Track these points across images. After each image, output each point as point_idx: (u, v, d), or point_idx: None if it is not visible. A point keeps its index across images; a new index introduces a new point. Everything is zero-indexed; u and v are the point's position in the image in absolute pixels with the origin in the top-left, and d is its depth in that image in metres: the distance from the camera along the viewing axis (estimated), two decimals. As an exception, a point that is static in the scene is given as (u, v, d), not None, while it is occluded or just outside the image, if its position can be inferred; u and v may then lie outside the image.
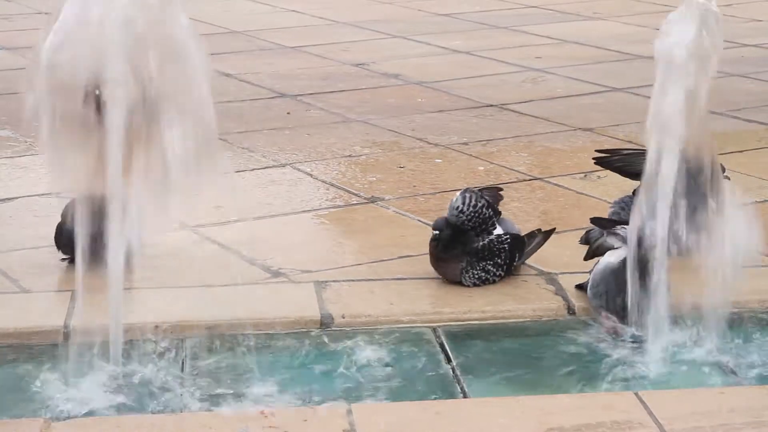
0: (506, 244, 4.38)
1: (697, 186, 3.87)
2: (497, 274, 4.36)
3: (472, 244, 4.34)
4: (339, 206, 5.33)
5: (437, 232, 4.35)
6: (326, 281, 4.38)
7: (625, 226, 4.10)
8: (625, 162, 4.63)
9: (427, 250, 4.44)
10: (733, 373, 3.76)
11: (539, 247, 4.52)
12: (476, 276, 4.34)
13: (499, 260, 4.36)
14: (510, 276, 4.42)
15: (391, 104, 7.05)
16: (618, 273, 3.97)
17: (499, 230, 4.45)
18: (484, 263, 4.34)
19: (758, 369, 3.77)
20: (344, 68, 7.94)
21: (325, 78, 7.67)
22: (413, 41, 8.80)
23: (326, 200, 5.41)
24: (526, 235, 4.53)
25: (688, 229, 3.84)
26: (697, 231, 3.84)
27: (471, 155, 6.00)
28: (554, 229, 4.59)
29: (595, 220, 4.31)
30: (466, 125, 6.61)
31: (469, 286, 4.34)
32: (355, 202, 5.38)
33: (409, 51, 8.49)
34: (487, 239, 4.38)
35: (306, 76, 7.74)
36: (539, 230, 4.57)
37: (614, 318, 4.00)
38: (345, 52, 8.43)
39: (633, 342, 3.92)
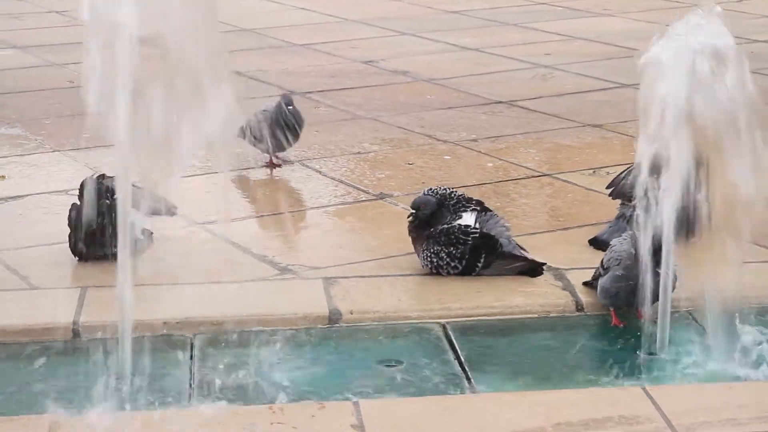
0: (471, 237, 4.35)
1: None
2: (452, 264, 4.32)
3: (435, 227, 4.38)
4: (347, 203, 5.34)
5: (414, 210, 4.42)
6: (334, 277, 4.39)
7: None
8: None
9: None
10: (743, 368, 3.76)
11: (520, 270, 4.37)
12: (428, 259, 4.35)
13: (454, 251, 4.32)
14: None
15: (400, 101, 7.06)
16: (632, 268, 3.97)
17: (469, 221, 4.41)
18: (438, 248, 4.33)
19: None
20: (353, 65, 7.95)
21: (334, 75, 7.68)
22: (422, 38, 8.81)
23: (335, 197, 5.42)
24: (513, 255, 4.38)
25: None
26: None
27: (480, 152, 6.01)
28: (544, 264, 4.39)
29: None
30: (475, 122, 6.62)
31: (424, 268, 4.36)
32: (363, 198, 5.39)
33: (418, 48, 8.50)
34: (448, 225, 4.38)
35: (315, 73, 7.75)
36: (532, 260, 4.39)
37: (624, 313, 4.02)
38: (354, 49, 8.43)
39: (642, 337, 3.93)
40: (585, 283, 4.27)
